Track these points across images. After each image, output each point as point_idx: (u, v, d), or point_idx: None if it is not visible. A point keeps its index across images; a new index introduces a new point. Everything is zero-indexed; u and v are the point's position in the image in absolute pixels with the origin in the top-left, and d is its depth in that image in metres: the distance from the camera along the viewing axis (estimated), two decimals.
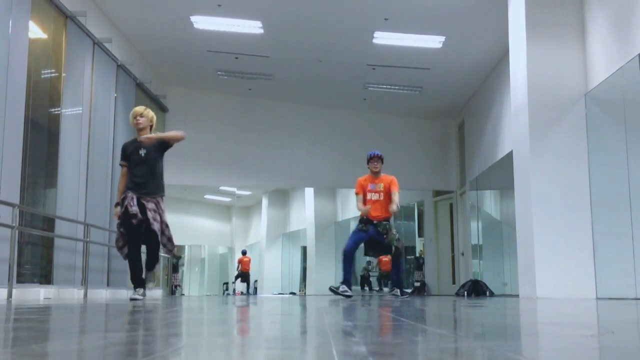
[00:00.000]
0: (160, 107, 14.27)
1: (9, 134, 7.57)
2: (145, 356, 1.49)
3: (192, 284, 28.35)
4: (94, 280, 10.11)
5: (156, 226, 6.33)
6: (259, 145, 15.44)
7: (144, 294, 6.60)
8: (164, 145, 6.64)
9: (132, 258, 6.54)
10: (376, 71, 13.08)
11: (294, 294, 24.10)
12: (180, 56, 13.04)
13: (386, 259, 21.31)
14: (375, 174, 8.51)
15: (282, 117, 15.66)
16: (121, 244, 6.54)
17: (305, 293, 23.75)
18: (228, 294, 27.46)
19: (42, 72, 9.38)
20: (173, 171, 12.31)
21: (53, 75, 9.60)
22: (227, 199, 29.51)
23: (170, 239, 6.57)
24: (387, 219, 8.43)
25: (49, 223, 9.28)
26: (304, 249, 26.27)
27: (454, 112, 15.56)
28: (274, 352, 1.65)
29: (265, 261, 26.61)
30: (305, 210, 24.77)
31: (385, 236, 8.29)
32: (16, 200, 7.60)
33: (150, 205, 6.36)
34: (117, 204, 6.56)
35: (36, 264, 9.32)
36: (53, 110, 9.54)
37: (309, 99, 15.38)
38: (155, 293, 13.37)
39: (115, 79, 11.29)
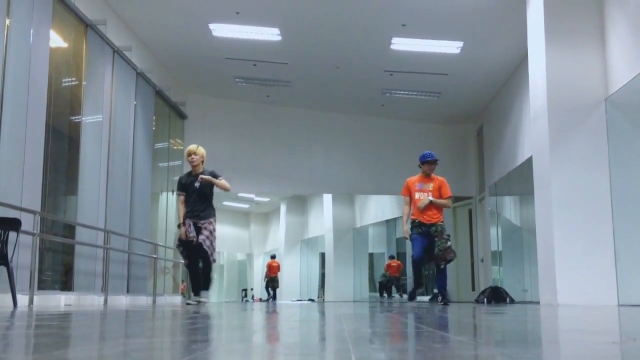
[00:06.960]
0: (179, 114, 14.37)
1: (30, 142, 7.66)
2: None
3: (210, 290, 28.41)
4: (114, 286, 10.17)
5: (206, 244, 7.59)
6: (277, 152, 15.46)
7: (198, 301, 7.90)
8: (213, 184, 7.80)
9: (191, 269, 7.90)
10: (394, 77, 13.06)
11: (312, 300, 24.05)
12: (199, 64, 13.12)
13: (394, 264, 21.25)
14: (427, 175, 8.51)
15: (300, 124, 15.67)
16: (183, 257, 7.94)
17: (324, 299, 23.69)
18: (247, 301, 27.49)
19: (63, 80, 9.49)
20: None
21: (73, 83, 9.70)
22: (246, 206, 29.57)
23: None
24: (440, 222, 8.18)
25: (69, 230, 9.36)
26: (322, 256, 26.21)
27: (472, 117, 15.49)
28: (293, 359, 1.64)
29: (283, 268, 26.60)
30: (323, 216, 24.71)
31: (436, 238, 7.98)
32: (37, 207, 7.68)
33: (204, 230, 7.62)
34: (180, 225, 7.85)
35: (57, 270, 9.40)
36: (74, 118, 9.64)
37: (327, 106, 15.39)
38: (175, 299, 13.42)
39: (134, 87, 11.39)
